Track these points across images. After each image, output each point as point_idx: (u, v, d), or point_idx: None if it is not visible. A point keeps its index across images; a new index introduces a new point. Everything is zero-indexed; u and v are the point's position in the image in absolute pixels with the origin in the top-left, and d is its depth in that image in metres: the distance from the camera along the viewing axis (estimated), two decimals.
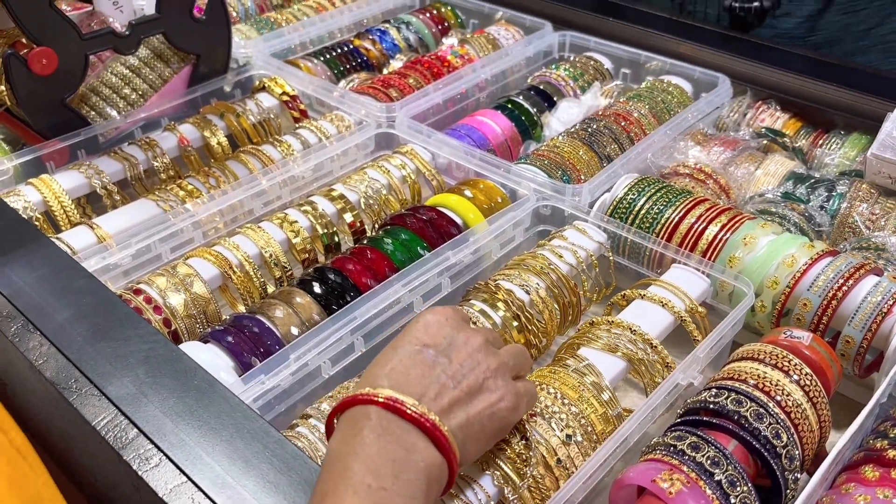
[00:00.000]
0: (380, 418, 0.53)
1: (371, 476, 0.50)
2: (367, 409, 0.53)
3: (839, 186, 0.99)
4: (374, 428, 0.52)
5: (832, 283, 0.80)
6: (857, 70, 1.16)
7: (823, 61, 1.18)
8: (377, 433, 0.52)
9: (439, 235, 0.94)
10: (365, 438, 0.52)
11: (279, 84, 1.20)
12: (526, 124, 1.17)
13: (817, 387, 0.72)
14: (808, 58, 1.19)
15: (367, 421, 0.53)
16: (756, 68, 1.19)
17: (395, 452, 0.51)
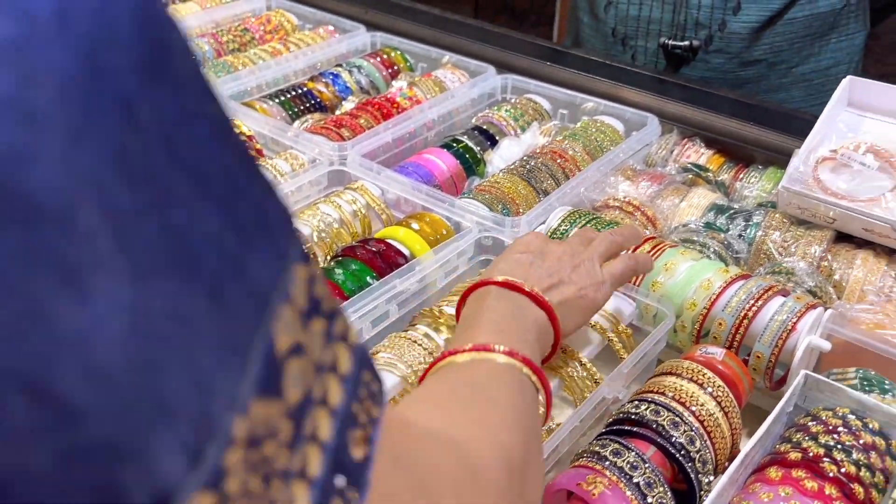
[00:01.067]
0: (499, 291, 0.72)
1: (496, 315, 0.68)
2: (489, 287, 0.72)
3: (755, 216, 1.08)
4: (496, 296, 0.71)
5: (744, 303, 0.88)
6: (772, 110, 1.27)
7: (743, 102, 1.28)
8: (498, 299, 0.71)
9: (388, 265, 1.00)
10: (489, 301, 0.70)
11: (236, 125, 1.26)
12: (470, 161, 1.24)
13: (729, 398, 0.80)
14: (729, 98, 1.29)
15: (489, 294, 0.72)
16: (683, 108, 1.29)
17: (512, 308, 0.70)
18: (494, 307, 0.69)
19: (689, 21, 1.45)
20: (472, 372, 0.61)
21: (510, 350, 0.62)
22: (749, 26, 1.42)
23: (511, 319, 0.68)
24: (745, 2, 1.41)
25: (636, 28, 1.51)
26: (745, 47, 1.46)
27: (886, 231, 0.98)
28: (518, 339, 0.65)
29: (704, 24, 1.44)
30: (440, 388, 0.61)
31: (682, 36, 1.47)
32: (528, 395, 0.61)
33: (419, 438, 0.43)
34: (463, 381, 0.60)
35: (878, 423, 0.78)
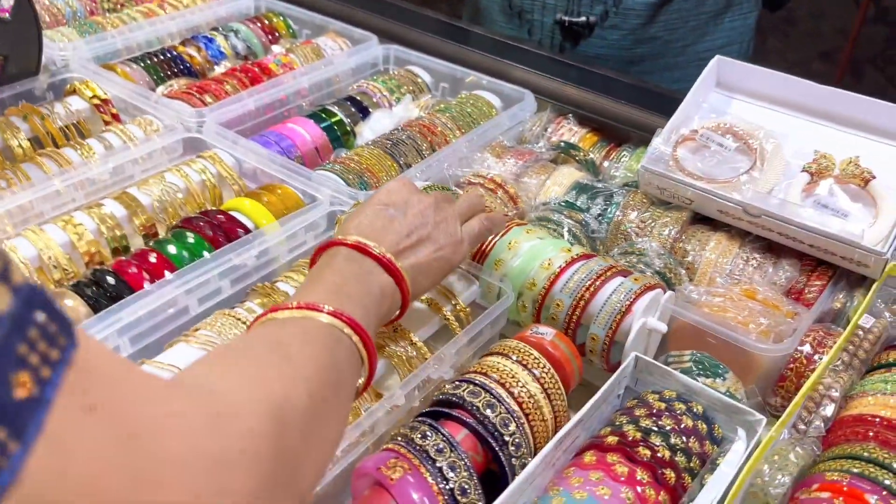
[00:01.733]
0: (349, 253, 0.70)
1: (338, 278, 0.66)
2: (339, 248, 0.70)
3: (617, 197, 1.06)
4: (344, 257, 0.69)
5: (582, 283, 0.86)
6: (647, 89, 1.25)
7: (622, 81, 1.26)
8: (347, 260, 0.69)
9: (228, 240, 0.95)
10: (337, 262, 0.69)
11: (90, 87, 1.19)
12: (338, 133, 1.20)
13: (554, 379, 0.78)
14: (605, 76, 1.27)
15: (338, 254, 0.70)
16: (560, 85, 1.26)
17: (358, 271, 0.69)
18: (339, 269, 0.68)
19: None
20: (282, 328, 0.59)
21: (336, 311, 0.60)
22: (644, 2, 1.40)
23: (353, 282, 0.67)
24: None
25: (532, 2, 1.48)
26: (641, 24, 1.43)
27: (738, 213, 0.97)
28: (355, 302, 0.64)
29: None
30: (236, 343, 0.61)
31: (578, 11, 1.44)
32: (339, 355, 0.59)
33: (146, 387, 0.41)
34: (263, 337, 0.59)
35: (702, 407, 0.77)
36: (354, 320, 0.61)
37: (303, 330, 0.59)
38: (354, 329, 0.61)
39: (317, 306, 0.61)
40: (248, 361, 0.54)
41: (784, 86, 1.08)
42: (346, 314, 0.61)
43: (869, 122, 1.04)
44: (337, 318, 0.60)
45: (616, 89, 1.24)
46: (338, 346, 0.59)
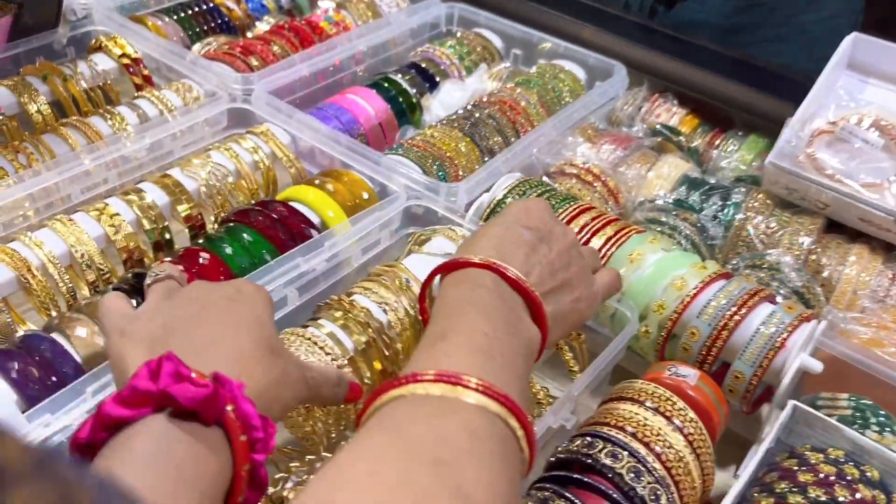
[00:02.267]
0: (497, 284, 0.55)
1: (488, 326, 0.50)
2: (485, 273, 0.55)
3: (734, 195, 0.91)
4: (492, 290, 0.54)
5: (724, 310, 0.72)
6: (760, 67, 1.09)
7: (727, 55, 1.10)
8: (494, 294, 0.54)
9: (291, 237, 0.81)
10: (484, 295, 0.53)
11: (119, 44, 1.03)
12: (403, 106, 1.04)
13: (702, 435, 0.64)
14: (711, 49, 1.11)
15: (485, 282, 0.54)
16: (655, 58, 1.10)
17: (508, 315, 0.53)
18: (487, 305, 0.52)
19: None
20: (432, 419, 0.42)
21: (487, 386, 0.44)
22: None
23: (502, 331, 0.51)
24: None
25: None
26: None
27: (888, 224, 0.83)
28: (504, 365, 0.48)
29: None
30: (387, 448, 0.41)
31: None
32: (507, 454, 0.43)
33: None
34: (416, 448, 0.40)
35: (877, 472, 0.64)
36: (510, 399, 0.45)
37: (467, 432, 0.42)
38: (512, 412, 0.44)
39: (461, 379, 0.44)
40: (419, 483, 0.38)
41: None
42: (499, 390, 0.44)
43: None
44: (490, 396, 0.44)
45: (721, 64, 1.08)
46: (499, 443, 0.43)
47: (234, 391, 0.44)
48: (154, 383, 0.43)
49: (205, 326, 0.50)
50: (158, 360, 0.44)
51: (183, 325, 0.50)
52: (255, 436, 0.44)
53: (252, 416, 0.44)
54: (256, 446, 0.44)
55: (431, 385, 0.44)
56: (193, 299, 0.53)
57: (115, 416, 0.42)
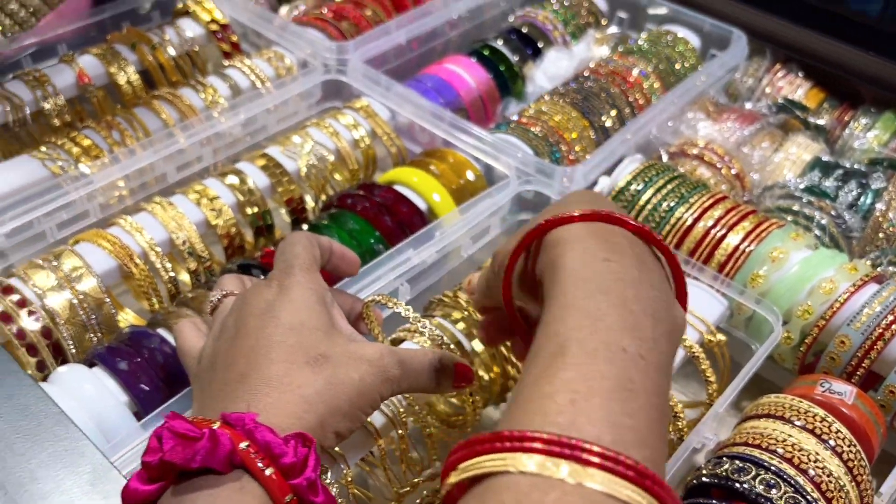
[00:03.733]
0: (634, 246, 0.40)
1: (629, 332, 0.36)
2: (614, 229, 0.40)
3: (873, 181, 0.83)
4: (630, 257, 0.39)
5: (878, 319, 0.66)
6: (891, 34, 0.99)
7: (854, 21, 1.01)
8: (634, 265, 0.39)
9: (397, 224, 0.76)
10: (618, 270, 0.38)
11: (206, 9, 0.98)
12: (506, 77, 0.98)
13: (861, 460, 0.59)
14: (838, 15, 1.01)
15: (619, 242, 0.40)
16: (777, 24, 1.01)
17: (656, 301, 0.38)
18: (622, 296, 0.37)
19: None
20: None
21: (616, 456, 0.31)
22: None
23: (650, 335, 0.36)
24: None
25: None
26: None
27: None
28: (649, 401, 0.35)
29: None
30: None
31: None
32: None
33: None
34: None
35: None
36: (650, 474, 0.32)
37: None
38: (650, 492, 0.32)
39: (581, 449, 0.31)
40: None
41: None
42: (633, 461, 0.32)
43: None
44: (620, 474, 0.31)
45: (851, 31, 0.99)
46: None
47: (247, 425, 0.40)
48: (159, 453, 0.40)
49: (239, 355, 0.46)
50: (161, 426, 0.41)
51: (222, 358, 0.47)
52: (284, 462, 0.40)
53: (275, 445, 0.40)
54: (292, 472, 0.40)
55: (544, 459, 0.31)
56: (231, 325, 0.49)
57: (140, 496, 0.40)
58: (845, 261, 0.71)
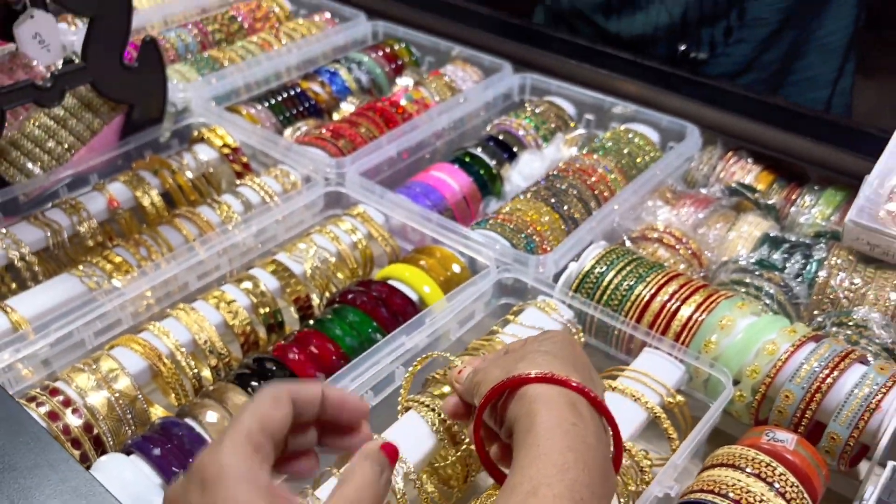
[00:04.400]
0: (593, 416, 0.52)
1: (587, 481, 0.47)
2: (579, 399, 0.52)
3: (816, 251, 0.93)
4: (589, 423, 0.51)
5: (816, 373, 0.74)
6: (830, 121, 1.12)
7: (797, 111, 1.13)
8: (591, 430, 0.50)
9: (392, 315, 0.86)
10: (582, 433, 0.49)
11: (219, 135, 1.11)
12: (485, 179, 1.10)
13: (804, 499, 0.66)
14: (780, 107, 1.13)
15: (581, 411, 0.51)
16: (727, 117, 1.13)
17: (604, 460, 0.50)
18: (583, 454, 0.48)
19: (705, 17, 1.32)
20: None
21: None
22: (774, 7, 1.30)
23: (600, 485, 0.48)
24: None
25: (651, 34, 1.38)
26: (774, 31, 1.33)
27: None
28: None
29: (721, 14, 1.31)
30: None
31: (698, 38, 1.34)
32: None
33: None
34: None
35: None
36: None
37: None
38: None
39: None
40: None
41: None
42: None
43: None
44: None
45: (793, 120, 1.11)
46: None
47: None
48: None
49: None
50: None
51: None
52: None
53: None
54: None
55: None
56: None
57: None
58: (786, 324, 0.80)
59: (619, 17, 1.41)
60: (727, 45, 1.35)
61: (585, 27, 1.46)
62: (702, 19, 1.34)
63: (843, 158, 1.04)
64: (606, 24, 1.43)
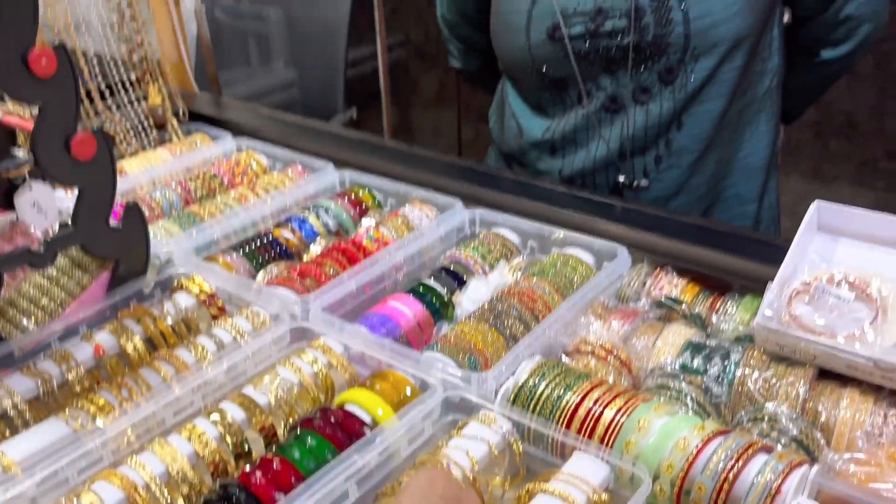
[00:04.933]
0: None
1: None
2: None
3: (733, 354, 1.03)
4: None
5: (723, 464, 0.83)
6: (742, 235, 1.24)
7: (712, 229, 1.26)
8: None
9: (348, 437, 0.95)
10: None
11: (197, 283, 1.23)
12: (437, 306, 1.21)
13: None
14: (699, 226, 1.26)
15: None
16: (651, 237, 1.26)
17: None
18: None
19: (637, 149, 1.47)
20: None
21: None
22: (700, 136, 1.44)
23: None
24: (686, 117, 1.43)
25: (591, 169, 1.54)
26: (696, 159, 1.48)
27: (870, 369, 0.93)
28: None
29: (650, 145, 1.46)
30: None
31: (632, 169, 1.49)
32: None
33: None
34: None
35: None
36: None
37: None
38: None
39: None
40: None
41: (890, 226, 1.06)
42: None
43: None
44: None
45: (708, 237, 1.23)
46: None
47: None
48: None
49: None
50: None
51: None
52: None
53: None
54: None
55: None
56: None
57: None
58: (697, 422, 0.89)
59: (563, 155, 1.57)
60: (659, 172, 1.49)
61: (534, 165, 1.62)
62: (634, 151, 1.49)
63: (759, 268, 1.15)
64: (552, 163, 1.58)
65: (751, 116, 1.51)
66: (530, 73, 1.50)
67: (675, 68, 1.38)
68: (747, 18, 1.35)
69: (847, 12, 1.42)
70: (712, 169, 1.50)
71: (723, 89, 1.41)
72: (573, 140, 1.53)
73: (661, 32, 1.35)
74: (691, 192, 1.51)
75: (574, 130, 1.51)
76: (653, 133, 1.45)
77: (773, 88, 1.52)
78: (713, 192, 1.53)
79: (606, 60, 1.41)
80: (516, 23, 1.46)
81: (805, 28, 1.50)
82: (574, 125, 1.50)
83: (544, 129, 1.56)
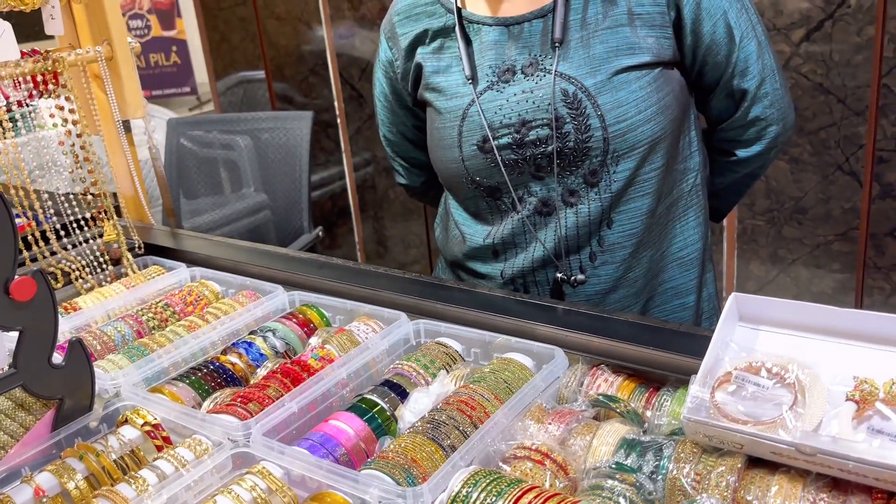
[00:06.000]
0: None
1: None
2: None
3: (666, 449, 1.04)
4: None
5: None
6: (671, 330, 1.27)
7: (643, 325, 1.29)
8: None
9: None
10: None
11: (141, 415, 1.24)
12: (379, 421, 1.22)
13: None
14: (631, 323, 1.30)
15: None
16: (586, 338, 1.29)
17: None
18: None
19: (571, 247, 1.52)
20: None
21: None
22: (631, 231, 1.50)
23: None
24: (615, 214, 1.49)
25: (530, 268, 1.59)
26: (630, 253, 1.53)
27: (792, 453, 0.95)
28: None
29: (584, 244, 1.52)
30: None
31: (569, 265, 1.54)
32: None
33: None
34: None
35: None
36: None
37: None
38: None
39: None
40: None
41: (807, 314, 1.10)
42: None
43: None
44: None
45: (641, 334, 1.26)
46: None
47: None
48: None
49: None
50: None
51: None
52: None
53: None
54: None
55: None
56: None
57: None
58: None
59: (504, 258, 1.62)
60: (595, 268, 1.54)
61: (477, 269, 1.66)
62: (569, 250, 1.54)
63: (691, 362, 1.18)
64: (494, 266, 1.63)
65: (679, 212, 1.57)
66: (466, 183, 1.56)
67: (599, 171, 1.45)
68: (661, 122, 1.43)
69: (754, 114, 1.51)
70: (647, 264, 1.55)
71: (647, 188, 1.48)
72: (512, 243, 1.58)
73: (582, 138, 1.42)
74: (629, 286, 1.55)
75: (512, 234, 1.56)
76: (584, 232, 1.50)
77: (699, 185, 1.59)
78: (651, 285, 1.58)
79: (534, 167, 1.48)
80: (449, 138, 1.54)
81: (720, 131, 1.59)
82: (511, 230, 1.56)
83: (485, 234, 1.61)
